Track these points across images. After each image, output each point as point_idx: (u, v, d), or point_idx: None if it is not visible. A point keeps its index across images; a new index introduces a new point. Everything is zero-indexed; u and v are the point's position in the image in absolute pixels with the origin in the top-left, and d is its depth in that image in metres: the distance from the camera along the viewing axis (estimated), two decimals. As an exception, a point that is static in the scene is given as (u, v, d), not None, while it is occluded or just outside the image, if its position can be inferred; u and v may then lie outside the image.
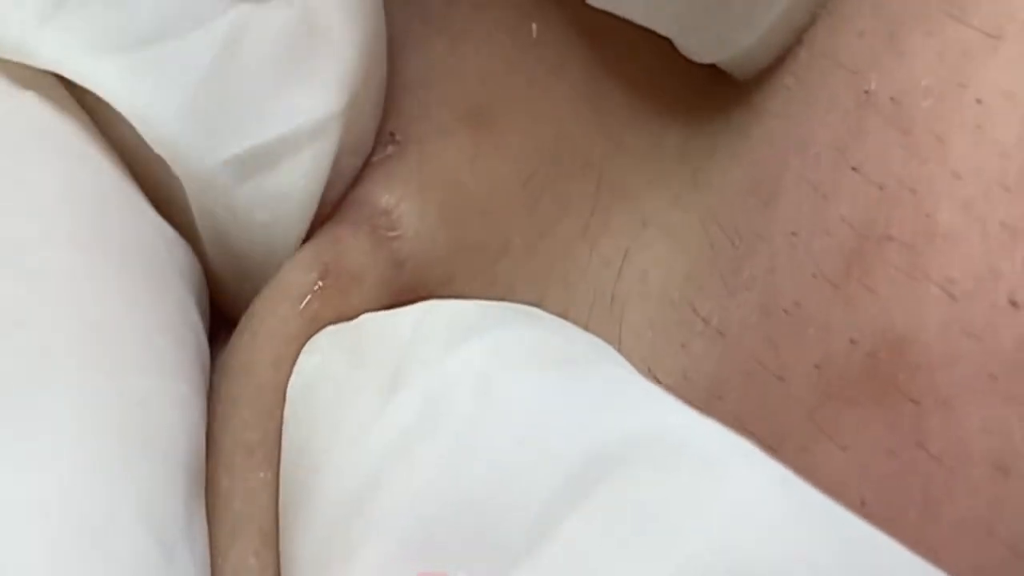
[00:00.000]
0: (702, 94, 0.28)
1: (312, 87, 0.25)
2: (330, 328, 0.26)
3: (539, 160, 0.28)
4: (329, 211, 0.27)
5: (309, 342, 0.26)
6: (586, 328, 0.27)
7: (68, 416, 0.21)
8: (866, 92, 0.23)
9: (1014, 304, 0.21)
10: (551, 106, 0.28)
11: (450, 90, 0.28)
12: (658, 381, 0.26)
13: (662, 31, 0.26)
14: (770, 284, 0.24)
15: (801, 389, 0.23)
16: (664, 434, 0.20)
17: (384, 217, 0.27)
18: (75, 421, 0.21)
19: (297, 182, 0.26)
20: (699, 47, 0.26)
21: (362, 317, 0.25)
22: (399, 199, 0.27)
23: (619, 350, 0.26)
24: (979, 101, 0.21)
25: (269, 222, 0.26)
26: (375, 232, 0.27)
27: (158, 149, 0.24)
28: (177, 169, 0.25)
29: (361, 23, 0.26)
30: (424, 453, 0.22)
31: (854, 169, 0.22)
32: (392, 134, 0.28)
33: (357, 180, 0.28)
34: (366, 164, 0.28)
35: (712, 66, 0.27)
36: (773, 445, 0.22)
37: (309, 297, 0.26)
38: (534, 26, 0.28)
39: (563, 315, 0.27)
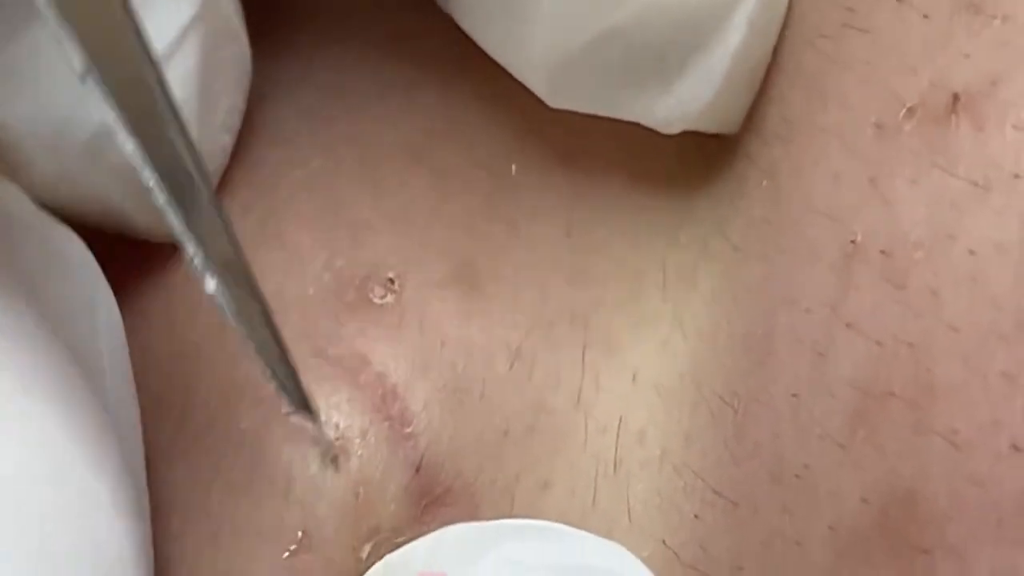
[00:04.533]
0: (678, 227, 0.30)
1: None
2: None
3: (526, 327, 0.29)
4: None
5: None
6: (594, 502, 0.28)
7: None
8: (852, 243, 0.24)
9: (1016, 449, 0.22)
10: (533, 259, 0.30)
11: (439, 234, 0.30)
12: (676, 555, 0.26)
13: (626, 116, 0.28)
14: (777, 450, 0.25)
15: (817, 552, 0.24)
16: None
17: (396, 403, 0.28)
18: None
19: None
20: (663, 114, 0.28)
21: (385, 559, 0.27)
22: (406, 378, 0.29)
23: (629, 522, 0.27)
24: (972, 252, 0.23)
25: None
26: (393, 431, 0.28)
27: None
28: None
29: None
30: None
31: (849, 326, 0.24)
32: (391, 280, 0.29)
33: (363, 332, 0.29)
34: (366, 303, 0.29)
35: (689, 200, 0.30)
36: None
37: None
38: (514, 166, 0.30)
39: (572, 494, 0.29)
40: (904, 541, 0.23)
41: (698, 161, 0.30)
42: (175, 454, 0.29)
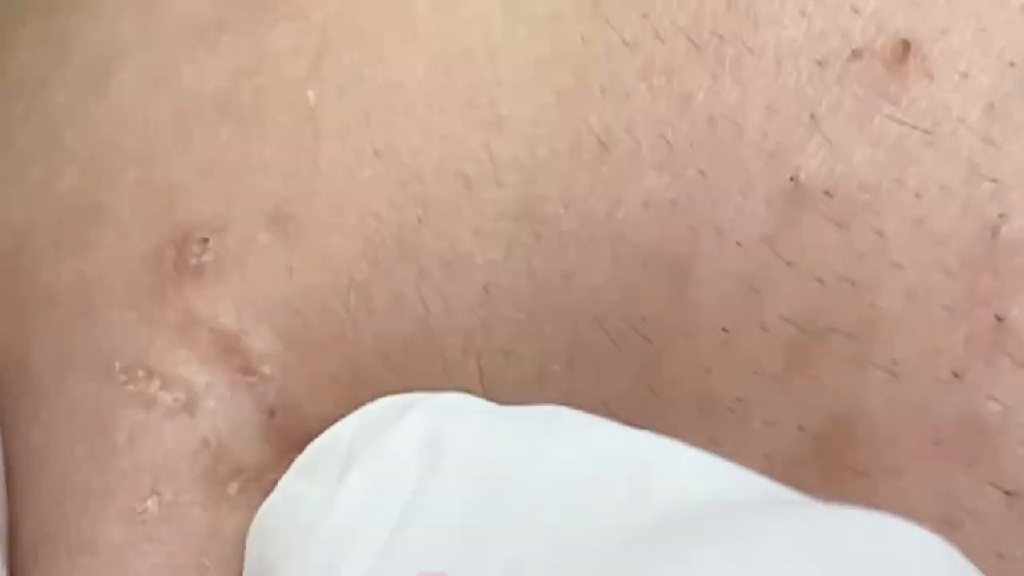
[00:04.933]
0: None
1: None
2: None
3: (353, 258, 0.28)
4: None
5: None
6: None
7: None
8: (792, 180, 0.25)
9: (956, 376, 0.24)
10: (346, 187, 0.29)
11: (248, 184, 0.29)
12: None
13: None
14: (706, 384, 0.25)
15: None
16: (630, 454, 0.23)
17: (235, 355, 0.27)
18: None
19: None
20: None
21: (312, 443, 0.27)
22: (243, 324, 0.28)
23: None
24: (918, 196, 0.24)
25: None
26: (236, 381, 0.28)
27: None
28: None
29: None
30: (377, 526, 0.23)
31: (789, 264, 0.24)
32: (206, 240, 0.28)
33: (187, 293, 0.28)
34: (186, 266, 0.28)
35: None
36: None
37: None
38: (310, 94, 0.29)
39: None
40: (841, 465, 0.25)
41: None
42: (12, 427, 0.28)
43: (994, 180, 0.24)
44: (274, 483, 0.27)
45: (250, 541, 0.26)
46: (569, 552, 0.22)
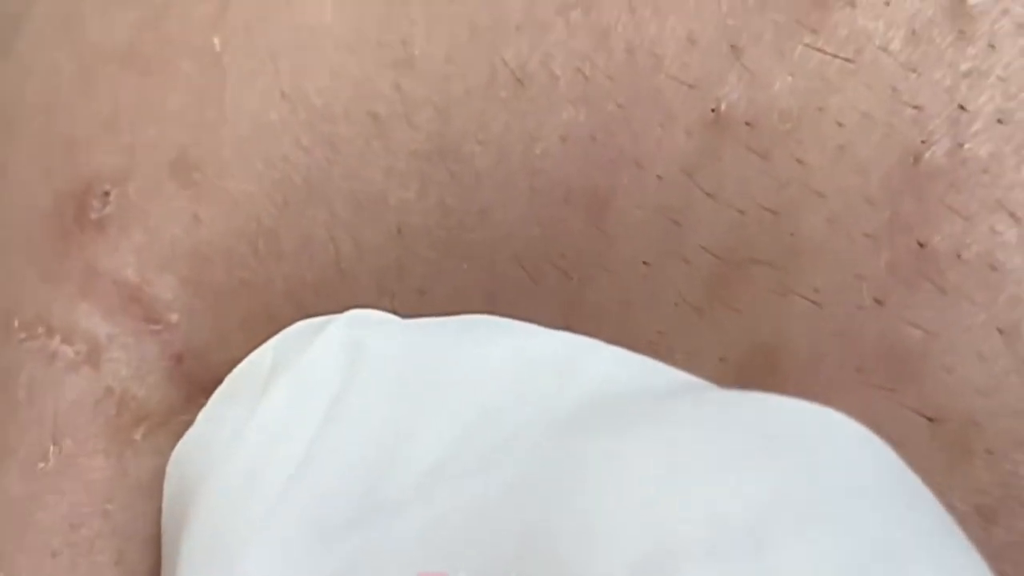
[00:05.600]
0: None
1: None
2: None
3: (259, 200, 0.28)
4: None
5: None
6: None
7: None
8: (713, 111, 0.25)
9: (879, 302, 0.24)
10: (251, 131, 0.28)
11: (150, 134, 0.28)
12: None
13: None
14: (627, 317, 0.25)
15: None
16: (551, 352, 0.23)
17: (137, 305, 0.27)
18: None
19: None
20: None
21: (231, 374, 0.26)
22: (146, 274, 0.27)
23: None
24: (840, 124, 0.24)
25: None
26: (140, 330, 0.27)
27: None
28: None
29: None
30: (300, 430, 0.24)
31: (709, 195, 0.24)
32: (107, 193, 0.28)
33: (88, 247, 0.28)
34: (87, 220, 0.28)
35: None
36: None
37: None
38: (216, 40, 0.28)
39: None
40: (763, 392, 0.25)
41: None
42: None
43: (916, 107, 0.25)
44: (184, 425, 0.26)
45: (169, 470, 0.26)
46: (490, 447, 0.22)
